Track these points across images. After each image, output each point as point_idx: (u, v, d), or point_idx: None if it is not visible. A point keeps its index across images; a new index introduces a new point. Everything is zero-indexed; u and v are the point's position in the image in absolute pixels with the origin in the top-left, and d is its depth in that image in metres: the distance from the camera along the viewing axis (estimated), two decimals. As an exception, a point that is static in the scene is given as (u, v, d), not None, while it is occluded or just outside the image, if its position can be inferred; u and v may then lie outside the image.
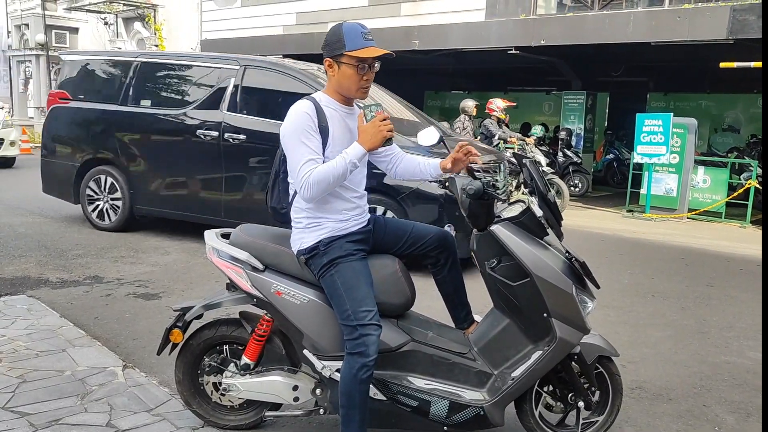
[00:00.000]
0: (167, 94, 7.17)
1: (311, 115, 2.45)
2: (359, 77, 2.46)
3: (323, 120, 2.48)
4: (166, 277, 5.49)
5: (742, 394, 3.64)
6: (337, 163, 2.41)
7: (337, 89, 2.54)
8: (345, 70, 2.46)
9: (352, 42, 2.42)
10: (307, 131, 2.43)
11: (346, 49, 2.42)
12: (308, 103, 2.49)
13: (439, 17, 13.09)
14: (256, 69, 6.61)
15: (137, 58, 7.31)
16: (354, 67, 2.44)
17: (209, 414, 2.90)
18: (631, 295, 5.58)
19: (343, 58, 2.44)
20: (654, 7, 10.87)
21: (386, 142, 2.44)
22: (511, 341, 2.67)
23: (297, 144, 2.42)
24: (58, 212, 8.29)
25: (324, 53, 2.51)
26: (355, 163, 2.42)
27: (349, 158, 2.40)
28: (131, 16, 20.86)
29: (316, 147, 2.44)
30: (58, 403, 3.10)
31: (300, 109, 2.46)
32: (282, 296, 2.62)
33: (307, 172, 2.39)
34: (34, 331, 4.01)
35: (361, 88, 2.50)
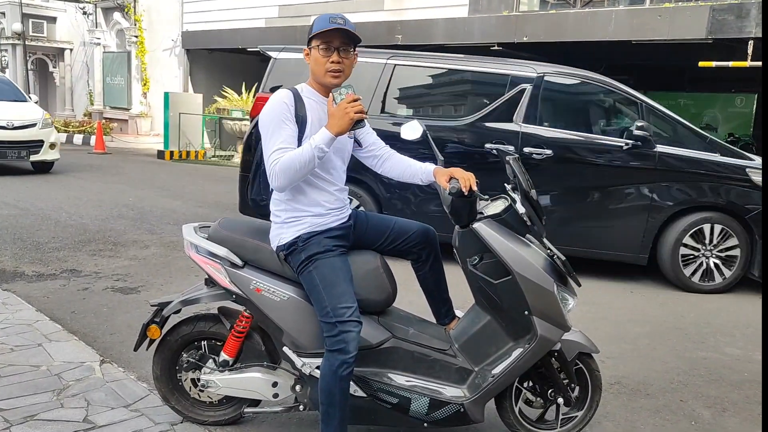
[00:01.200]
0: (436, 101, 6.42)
1: (288, 104, 2.43)
2: (326, 59, 2.45)
3: (301, 109, 2.46)
4: (144, 271, 5.43)
5: (718, 390, 3.69)
6: (303, 149, 2.36)
7: (313, 77, 2.54)
8: (314, 54, 2.48)
9: (319, 26, 2.44)
10: (282, 120, 2.41)
11: (313, 32, 2.44)
12: (287, 92, 2.47)
13: (422, 12, 13.09)
14: (560, 77, 6.00)
15: (389, 60, 6.26)
16: (320, 50, 2.45)
17: (188, 410, 2.87)
18: (611, 292, 5.63)
19: (311, 42, 2.47)
20: (635, 5, 10.96)
21: (357, 124, 2.37)
22: (492, 338, 2.67)
23: (270, 133, 2.41)
24: (34, 205, 8.16)
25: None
26: (321, 149, 2.34)
27: (315, 143, 2.34)
28: (111, 6, 20.55)
29: (288, 136, 2.41)
30: (34, 398, 3.04)
31: (278, 98, 2.45)
32: (261, 293, 2.59)
33: (274, 160, 2.37)
34: (9, 326, 3.94)
35: (329, 72, 2.46)
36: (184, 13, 18.42)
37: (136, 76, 20.24)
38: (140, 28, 19.87)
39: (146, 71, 20.00)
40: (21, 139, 10.64)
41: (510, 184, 2.74)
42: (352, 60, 2.51)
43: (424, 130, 2.80)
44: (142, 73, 20.07)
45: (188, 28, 18.26)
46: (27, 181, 10.20)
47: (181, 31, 18.45)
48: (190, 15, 18.25)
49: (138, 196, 9.40)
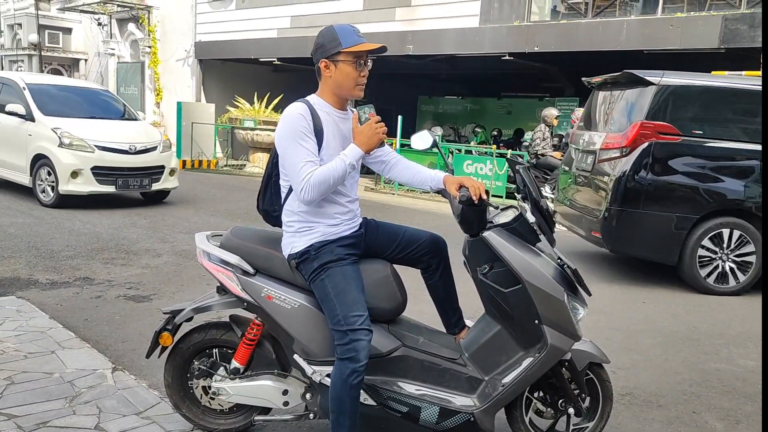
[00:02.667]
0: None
1: (305, 116, 2.45)
2: (357, 73, 2.48)
3: (318, 123, 2.48)
4: (157, 279, 5.46)
5: (731, 401, 3.65)
6: (336, 164, 2.42)
7: (334, 90, 2.53)
8: (343, 67, 2.47)
9: (347, 39, 2.45)
10: (303, 133, 2.42)
11: (343, 47, 2.44)
12: (302, 105, 2.48)
13: (433, 22, 13.13)
14: None
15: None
16: (352, 64, 2.46)
17: (199, 418, 2.89)
18: (623, 302, 5.60)
19: (340, 56, 2.45)
20: (647, 15, 10.94)
21: (381, 144, 2.49)
22: (502, 347, 2.67)
23: (293, 146, 2.42)
24: (49, 213, 8.24)
25: (317, 55, 2.50)
26: (353, 165, 2.44)
27: (348, 160, 2.42)
28: (125, 17, 20.78)
29: (312, 149, 2.44)
30: (46, 405, 3.07)
31: (294, 111, 2.46)
32: (272, 300, 2.61)
33: (307, 174, 2.39)
34: (23, 333, 3.98)
35: (358, 85, 2.51)
36: (197, 24, 18.59)
37: (149, 86, 20.42)
38: (154, 38, 20.07)
39: (159, 81, 20.18)
40: (143, 166, 8.98)
41: (520, 193, 2.75)
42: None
43: (434, 140, 2.81)
44: (156, 83, 20.25)
45: (201, 38, 18.42)
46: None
47: (194, 41, 18.61)
48: (203, 26, 18.42)
49: (151, 204, 9.46)
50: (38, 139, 8.75)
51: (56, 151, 8.49)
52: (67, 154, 8.47)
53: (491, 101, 18.55)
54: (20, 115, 8.89)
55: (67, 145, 8.51)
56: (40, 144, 8.72)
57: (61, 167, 8.42)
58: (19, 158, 9.00)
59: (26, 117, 8.85)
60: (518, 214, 2.64)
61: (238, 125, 15.93)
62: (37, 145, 8.75)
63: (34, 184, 8.81)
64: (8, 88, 9.39)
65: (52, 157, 8.48)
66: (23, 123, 8.88)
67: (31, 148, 8.84)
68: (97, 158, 8.59)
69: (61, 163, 8.43)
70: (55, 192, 8.52)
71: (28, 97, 9.06)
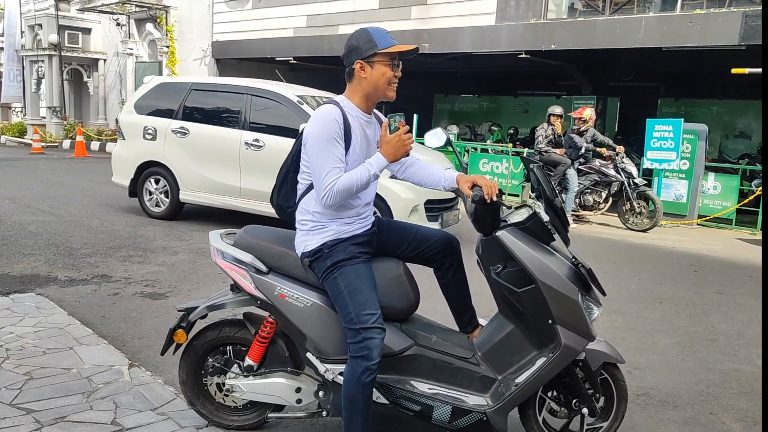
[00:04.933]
0: None
1: (339, 122, 2.46)
2: (392, 74, 2.51)
3: (347, 127, 2.49)
4: (173, 277, 5.51)
5: (749, 402, 3.61)
6: (361, 173, 2.44)
7: (368, 91, 2.54)
8: (379, 68, 2.49)
9: (383, 41, 2.48)
10: (335, 138, 2.44)
11: (379, 48, 2.46)
12: (336, 109, 2.49)
13: (449, 21, 13.09)
14: None
15: None
16: (387, 64, 2.49)
17: (213, 414, 2.91)
18: (639, 301, 5.55)
19: (376, 57, 2.48)
20: (665, 12, 10.83)
21: (405, 155, 2.52)
22: (515, 347, 2.66)
23: (324, 150, 2.43)
24: (68, 211, 8.35)
25: (351, 57, 2.51)
26: (377, 174, 2.47)
27: (373, 170, 2.45)
28: (143, 17, 20.98)
29: (341, 155, 2.46)
30: (64, 400, 3.11)
31: (330, 114, 2.46)
32: (285, 299, 2.62)
33: (333, 180, 2.41)
34: (42, 329, 4.04)
35: (392, 85, 2.54)
36: (215, 24, 18.71)
37: (167, 86, 20.56)
38: (171, 38, 20.23)
39: (177, 80, 20.32)
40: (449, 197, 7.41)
41: (534, 192, 2.73)
42: None
43: (448, 138, 2.81)
44: (173, 82, 20.40)
45: (218, 38, 18.54)
46: (60, 188, 10.44)
47: (211, 41, 18.73)
48: (220, 25, 18.53)
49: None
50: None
51: (390, 184, 6.75)
52: (403, 188, 6.86)
53: (508, 99, 18.48)
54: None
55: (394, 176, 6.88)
56: None
57: (399, 203, 6.86)
58: None
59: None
60: (532, 213, 2.63)
61: (255, 124, 15.98)
62: None
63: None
64: (277, 106, 7.52)
65: (386, 193, 6.77)
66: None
67: None
68: (428, 191, 6.81)
69: (399, 198, 6.86)
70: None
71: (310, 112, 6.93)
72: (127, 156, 8.32)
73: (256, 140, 7.34)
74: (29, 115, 23.94)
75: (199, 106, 7.93)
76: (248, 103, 7.60)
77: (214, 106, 7.94)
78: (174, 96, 8.08)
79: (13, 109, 28.06)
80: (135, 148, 8.21)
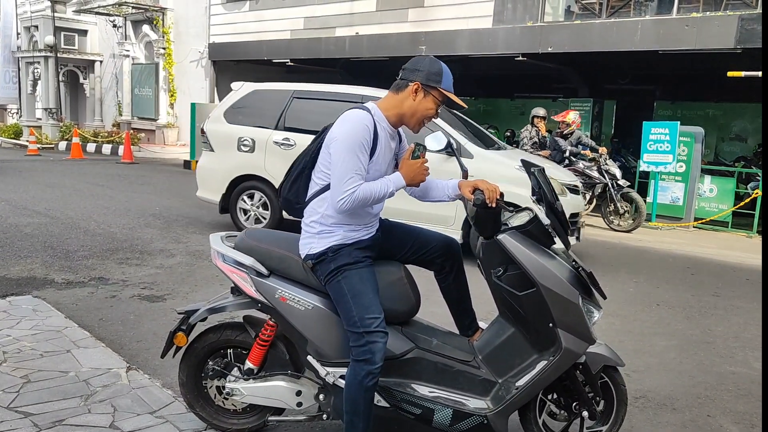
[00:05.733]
0: None
1: (370, 129, 2.47)
2: (433, 113, 2.59)
3: (375, 136, 2.50)
4: (171, 279, 5.50)
5: (746, 405, 3.62)
6: (380, 187, 2.47)
7: (405, 113, 2.57)
8: (428, 102, 2.55)
9: (448, 82, 2.57)
10: (364, 145, 2.44)
11: (442, 86, 2.53)
12: (368, 116, 2.49)
13: (446, 23, 13.12)
14: None
15: None
16: (437, 103, 2.56)
17: (212, 417, 2.90)
18: (636, 304, 5.56)
19: (434, 91, 2.53)
20: (662, 15, 10.87)
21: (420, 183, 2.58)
22: (516, 350, 2.66)
23: (350, 155, 2.42)
24: (64, 213, 8.32)
25: (414, 76, 2.53)
26: (393, 192, 2.51)
27: (391, 188, 2.49)
28: (140, 18, 20.96)
29: (365, 163, 2.46)
30: (62, 403, 3.10)
31: (363, 120, 2.47)
32: (286, 302, 2.62)
33: (353, 186, 2.41)
34: (39, 332, 4.03)
35: (423, 123, 2.61)
36: (211, 25, 18.69)
37: (163, 87, 20.57)
38: (168, 40, 20.22)
39: (173, 82, 20.32)
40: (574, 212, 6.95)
41: (535, 195, 2.74)
42: None
43: (448, 141, 2.81)
44: (170, 84, 20.40)
45: (215, 39, 18.52)
46: (57, 190, 10.41)
47: (207, 42, 18.72)
48: (217, 27, 18.52)
49: (165, 205, 9.53)
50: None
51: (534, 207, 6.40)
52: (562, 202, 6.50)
53: (504, 102, 18.49)
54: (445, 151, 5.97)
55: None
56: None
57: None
58: (445, 207, 6.48)
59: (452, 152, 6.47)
60: (533, 216, 2.64)
61: (252, 126, 15.97)
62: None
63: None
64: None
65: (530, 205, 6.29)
66: (447, 160, 6.24)
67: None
68: (572, 204, 6.83)
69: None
70: None
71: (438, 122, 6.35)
72: (218, 169, 7.60)
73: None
74: (25, 117, 23.88)
75: (304, 116, 7.19)
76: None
77: (321, 116, 6.70)
78: (272, 104, 7.45)
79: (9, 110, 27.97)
80: (228, 161, 7.51)
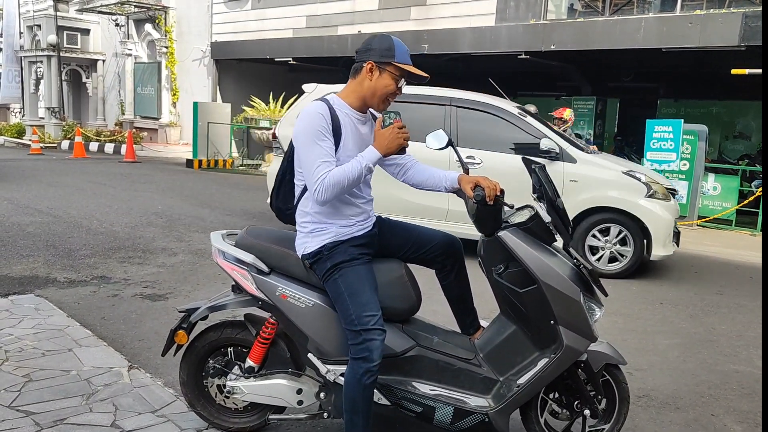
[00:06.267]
0: None
1: (325, 116, 2.44)
2: (395, 89, 2.51)
3: (336, 123, 2.47)
4: (172, 278, 5.50)
5: (750, 404, 3.60)
6: (352, 166, 2.40)
7: (365, 95, 2.53)
8: (386, 78, 2.48)
9: (402, 56, 2.48)
10: (321, 132, 2.42)
11: (396, 60, 2.46)
12: (322, 104, 2.48)
13: (448, 21, 13.10)
14: None
15: None
16: (395, 78, 2.48)
17: (213, 416, 2.90)
18: (640, 303, 5.54)
19: (389, 66, 2.47)
20: (665, 13, 10.83)
21: (400, 150, 2.47)
22: (517, 348, 2.65)
23: (311, 145, 2.41)
24: (66, 212, 8.33)
25: (366, 56, 2.49)
26: (370, 168, 2.43)
27: (365, 162, 2.41)
28: (142, 17, 20.98)
29: (329, 149, 2.43)
30: (63, 402, 3.10)
31: (314, 110, 2.45)
32: (287, 299, 2.61)
33: (322, 174, 2.38)
34: (41, 331, 4.02)
35: (387, 101, 2.54)
36: (214, 24, 18.71)
37: (166, 86, 20.59)
38: (170, 39, 20.24)
39: (176, 81, 20.34)
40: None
41: (536, 192, 2.72)
42: None
43: (449, 139, 2.80)
44: (172, 83, 20.42)
45: (217, 38, 18.54)
46: (59, 189, 10.42)
47: (210, 41, 18.73)
48: (220, 26, 18.53)
49: (167, 204, 9.54)
50: (594, 187, 6.39)
51: (645, 203, 6.29)
52: (659, 207, 6.36)
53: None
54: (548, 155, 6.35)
55: (652, 194, 6.38)
56: (600, 194, 6.37)
57: (659, 224, 6.27)
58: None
59: (556, 156, 6.41)
60: (534, 213, 2.62)
61: (254, 125, 16.01)
62: (594, 195, 6.38)
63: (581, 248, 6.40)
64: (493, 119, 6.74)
65: (639, 212, 6.26)
66: (549, 165, 5.96)
67: (574, 200, 6.27)
68: (675, 209, 6.71)
69: (659, 219, 6.28)
70: (633, 258, 6.32)
71: (542, 128, 6.66)
72: None
73: (471, 157, 6.40)
74: (28, 116, 23.93)
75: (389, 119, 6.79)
76: (453, 116, 6.76)
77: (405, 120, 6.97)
78: None
79: (12, 109, 28.04)
80: None
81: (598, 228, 6.42)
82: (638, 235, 6.29)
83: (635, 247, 6.30)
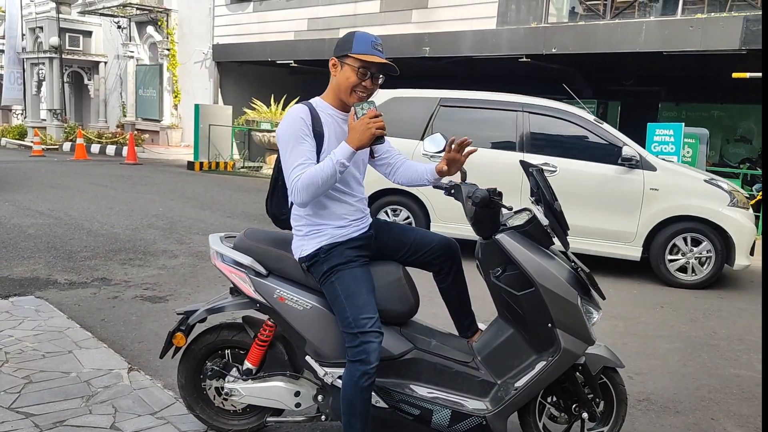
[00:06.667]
0: None
1: (305, 119, 2.44)
2: (358, 81, 2.45)
3: (318, 125, 2.47)
4: (173, 280, 5.50)
5: (750, 408, 3.60)
6: (325, 164, 2.37)
7: (335, 91, 2.53)
8: (346, 71, 2.46)
9: (360, 47, 2.44)
10: (300, 135, 2.41)
11: (352, 51, 2.44)
12: (303, 107, 2.48)
13: (450, 24, 13.11)
14: None
15: None
16: (355, 70, 2.44)
17: (212, 418, 2.90)
18: (640, 306, 5.54)
19: (347, 59, 2.45)
20: (666, 16, 10.84)
21: (377, 140, 2.38)
22: (515, 351, 2.65)
23: (289, 148, 2.41)
24: (67, 214, 8.34)
25: (334, 53, 2.52)
26: (343, 163, 2.36)
27: (336, 158, 2.35)
28: (144, 20, 21.03)
29: (308, 151, 2.42)
30: (63, 404, 3.10)
31: (295, 112, 2.46)
32: (285, 302, 2.61)
33: (296, 176, 2.37)
34: (41, 332, 4.03)
35: (356, 93, 2.48)
36: (215, 27, 18.74)
37: (167, 88, 20.63)
38: (172, 41, 20.27)
39: (177, 83, 20.37)
40: None
41: (533, 196, 2.73)
42: (377, 86, 2.54)
43: (447, 143, 2.80)
44: (174, 85, 20.45)
45: (219, 41, 18.56)
46: (60, 191, 10.44)
47: (211, 44, 18.76)
48: (221, 28, 18.56)
49: (168, 206, 9.55)
50: (676, 196, 6.33)
51: (728, 212, 6.27)
52: (742, 216, 6.34)
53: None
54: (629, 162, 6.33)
55: (735, 203, 6.35)
56: (683, 202, 6.30)
57: (743, 233, 6.27)
58: (626, 223, 6.40)
59: (636, 164, 6.36)
60: (531, 216, 2.62)
61: (255, 127, 16.03)
62: (676, 204, 6.31)
63: (661, 258, 6.40)
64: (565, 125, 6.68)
65: (724, 221, 6.24)
66: (627, 173, 6.33)
67: (654, 209, 6.32)
68: (753, 217, 6.71)
69: (743, 228, 6.28)
70: (715, 267, 6.28)
71: (620, 135, 6.61)
72: None
73: (546, 164, 6.39)
74: (29, 118, 23.98)
75: (455, 126, 6.65)
76: (525, 122, 6.72)
77: (474, 125, 6.78)
78: (416, 113, 6.99)
79: (14, 111, 28.10)
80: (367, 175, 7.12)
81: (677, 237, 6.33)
82: (721, 245, 6.21)
83: (716, 256, 6.23)
